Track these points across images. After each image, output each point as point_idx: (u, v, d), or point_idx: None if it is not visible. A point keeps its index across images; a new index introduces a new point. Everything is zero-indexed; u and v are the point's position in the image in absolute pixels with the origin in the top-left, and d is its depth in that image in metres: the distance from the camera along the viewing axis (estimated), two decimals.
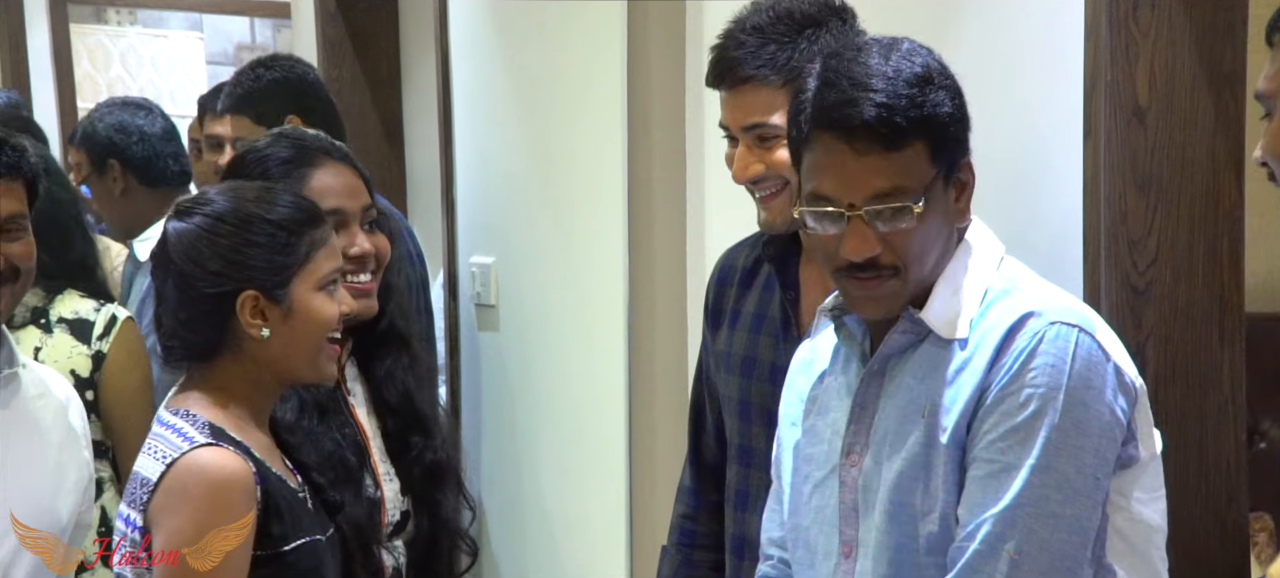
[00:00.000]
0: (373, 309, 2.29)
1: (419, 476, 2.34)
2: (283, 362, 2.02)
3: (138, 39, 7.88)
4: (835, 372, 1.83)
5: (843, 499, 1.76)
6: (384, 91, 4.35)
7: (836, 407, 1.80)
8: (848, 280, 1.71)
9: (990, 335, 1.68)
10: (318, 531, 2.02)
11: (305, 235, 2.01)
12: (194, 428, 1.95)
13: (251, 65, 3.38)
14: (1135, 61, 2.01)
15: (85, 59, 7.42)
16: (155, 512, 1.91)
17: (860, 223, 1.66)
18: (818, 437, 1.82)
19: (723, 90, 2.05)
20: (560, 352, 3.22)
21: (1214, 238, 2.07)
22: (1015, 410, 1.63)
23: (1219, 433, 2.08)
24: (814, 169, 1.68)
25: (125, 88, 7.73)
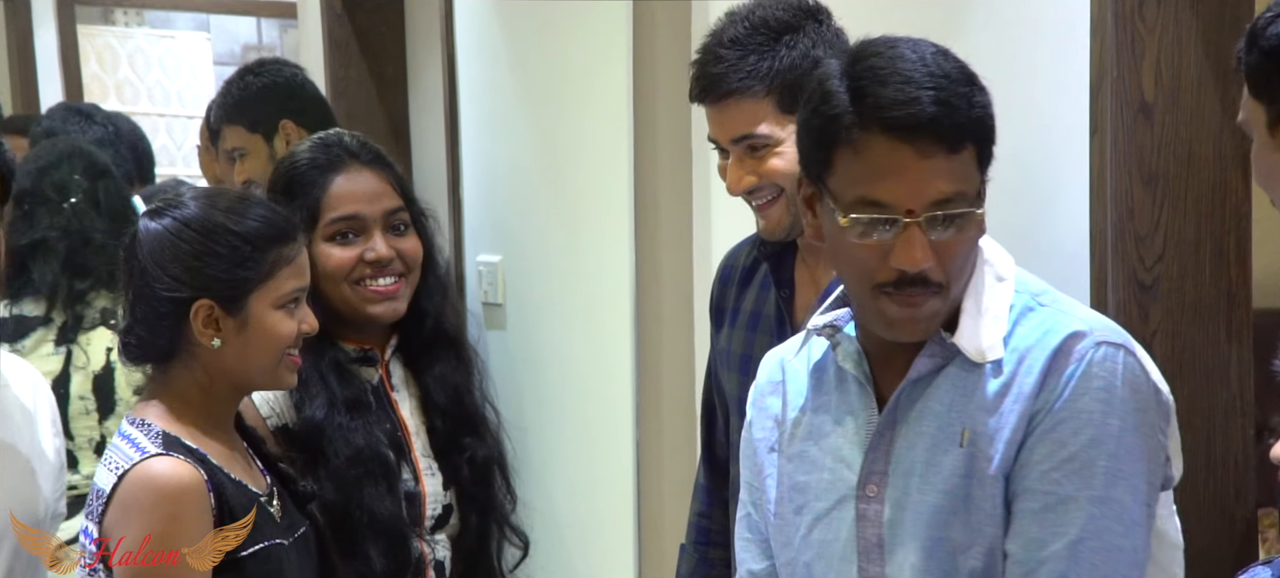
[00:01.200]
0: (397, 312, 2.30)
1: (468, 474, 2.35)
2: (236, 372, 2.01)
3: (145, 40, 7.89)
4: (824, 394, 1.71)
5: (863, 534, 1.64)
6: (390, 91, 4.34)
7: (836, 433, 1.68)
8: (890, 299, 1.57)
9: (1031, 357, 1.59)
10: (280, 534, 2.02)
11: (270, 251, 1.99)
12: (147, 438, 1.95)
13: (239, 72, 3.40)
14: (1141, 58, 2.01)
15: (93, 60, 7.43)
16: (110, 524, 1.91)
17: (917, 231, 1.54)
18: (812, 464, 1.69)
19: (708, 106, 2.05)
20: (567, 350, 3.22)
21: (1221, 233, 2.07)
22: (1068, 439, 1.55)
23: (1227, 429, 2.07)
24: (868, 173, 1.53)
25: (133, 89, 7.74)
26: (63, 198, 2.88)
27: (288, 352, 2.02)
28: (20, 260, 2.83)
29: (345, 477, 2.20)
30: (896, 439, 1.62)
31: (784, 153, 2.01)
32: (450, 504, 2.35)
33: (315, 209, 2.28)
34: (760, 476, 1.76)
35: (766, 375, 1.79)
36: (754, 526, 1.78)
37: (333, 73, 4.30)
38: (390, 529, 2.23)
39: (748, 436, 1.80)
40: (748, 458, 1.79)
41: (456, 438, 2.37)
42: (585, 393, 3.18)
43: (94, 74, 7.38)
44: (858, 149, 1.54)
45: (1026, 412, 1.57)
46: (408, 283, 2.32)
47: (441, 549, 2.33)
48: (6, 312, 2.82)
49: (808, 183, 1.63)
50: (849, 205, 1.55)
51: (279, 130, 3.26)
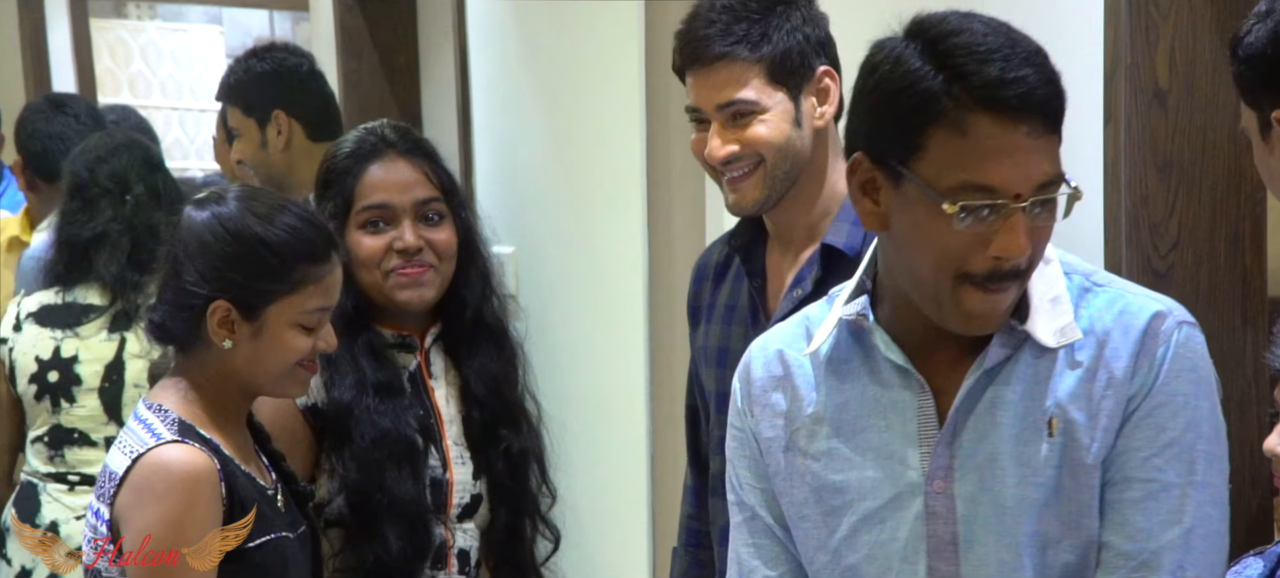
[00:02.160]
0: (424, 299, 2.31)
1: (503, 467, 2.36)
2: (244, 375, 2.01)
3: (157, 33, 7.91)
4: (851, 387, 1.60)
5: (934, 531, 1.54)
6: (402, 83, 4.35)
7: (878, 428, 1.57)
8: (974, 289, 1.48)
9: (1113, 340, 1.53)
10: (286, 528, 2.02)
11: (298, 267, 1.99)
12: (163, 424, 1.96)
13: (247, 54, 3.41)
14: (1155, 44, 2.00)
15: (106, 54, 7.46)
16: (121, 508, 1.92)
17: (1021, 217, 1.45)
18: (847, 462, 1.58)
19: (694, 71, 2.05)
20: (580, 340, 3.23)
21: (1236, 220, 2.06)
22: (1167, 423, 1.50)
23: (1243, 416, 2.07)
24: (974, 156, 1.43)
25: (145, 82, 7.77)
26: (123, 190, 2.90)
27: (299, 364, 2.02)
28: (82, 250, 2.85)
29: (368, 459, 2.22)
30: (963, 431, 1.54)
31: (769, 121, 2.02)
32: (480, 494, 2.35)
33: (349, 198, 2.30)
34: (773, 477, 1.65)
35: (765, 371, 1.66)
36: (763, 530, 1.66)
37: (345, 65, 4.31)
38: (410, 513, 2.24)
39: (746, 436, 1.68)
40: (749, 460, 1.67)
41: (494, 430, 2.37)
42: (598, 383, 3.18)
43: (107, 68, 7.41)
44: (963, 130, 1.43)
45: (1122, 397, 1.51)
46: (438, 273, 2.33)
47: (467, 538, 2.34)
48: (60, 299, 2.84)
49: (873, 166, 1.51)
50: (950, 191, 1.44)
51: (272, 119, 3.27)
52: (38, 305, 2.86)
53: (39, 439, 2.84)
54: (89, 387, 2.83)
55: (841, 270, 2.05)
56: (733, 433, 1.70)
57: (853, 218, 2.07)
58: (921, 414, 1.56)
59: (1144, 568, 1.49)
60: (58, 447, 2.83)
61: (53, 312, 2.86)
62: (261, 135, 3.28)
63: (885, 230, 1.54)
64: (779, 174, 2.04)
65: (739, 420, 1.69)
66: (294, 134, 3.27)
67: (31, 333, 2.84)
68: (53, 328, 2.84)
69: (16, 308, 2.88)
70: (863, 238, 2.05)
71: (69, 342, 2.84)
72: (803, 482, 1.61)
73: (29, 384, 2.84)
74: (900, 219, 1.51)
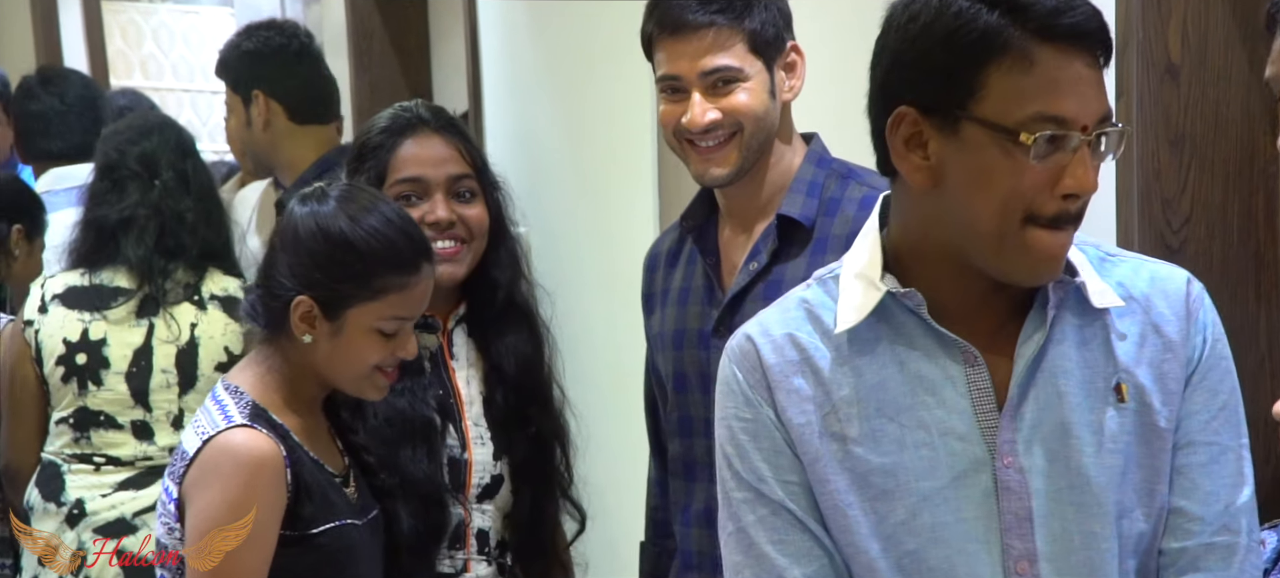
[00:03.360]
0: (455, 276, 2.32)
1: (528, 448, 2.37)
2: (324, 370, 2.05)
3: (169, 16, 7.91)
4: (888, 364, 1.51)
5: (1009, 507, 1.46)
6: (413, 63, 4.35)
7: (929, 404, 1.49)
8: (1043, 230, 1.43)
9: (1157, 304, 1.51)
10: (353, 515, 2.05)
11: (381, 274, 2.01)
12: (236, 406, 2.00)
13: (243, 30, 3.41)
14: (1167, 18, 1.99)
15: (118, 37, 7.46)
16: (189, 486, 1.97)
17: (1088, 151, 1.41)
18: (898, 443, 1.49)
19: (675, 38, 2.07)
20: (591, 321, 3.23)
21: (1249, 195, 2.05)
22: (1218, 386, 1.50)
23: (1256, 392, 2.06)
24: (1043, 88, 1.39)
25: (157, 65, 7.77)
26: (152, 174, 2.90)
27: (378, 368, 2.05)
28: (109, 233, 2.86)
29: (383, 436, 2.23)
30: (1026, 402, 1.48)
31: (751, 89, 2.05)
32: (501, 475, 2.36)
33: (382, 172, 2.31)
34: (810, 466, 1.52)
35: (778, 355, 1.54)
36: (791, 525, 1.53)
37: (355, 45, 4.31)
38: (424, 492, 2.25)
39: (761, 426, 1.54)
40: (769, 450, 1.54)
41: (521, 410, 2.38)
42: (610, 362, 3.18)
43: (118, 50, 7.41)
44: (1029, 62, 1.39)
45: (1181, 360, 1.49)
46: (470, 250, 2.34)
47: (486, 519, 2.34)
48: (86, 281, 2.85)
49: (920, 117, 1.44)
50: (1022, 124, 1.39)
51: (254, 99, 3.26)
52: (63, 287, 2.87)
53: (63, 421, 2.85)
54: (117, 371, 2.83)
55: (797, 242, 2.08)
56: (740, 424, 1.56)
57: (807, 190, 2.10)
58: (974, 387, 1.48)
59: (1224, 532, 1.48)
60: (83, 429, 2.84)
61: (80, 294, 2.86)
62: (247, 114, 3.28)
63: (934, 186, 1.46)
64: (754, 145, 2.08)
65: (748, 410, 1.55)
66: (274, 115, 3.25)
67: (58, 315, 2.84)
68: (81, 311, 2.84)
69: (41, 289, 2.89)
70: (817, 209, 2.08)
71: (97, 324, 2.84)
72: (841, 469, 1.50)
73: (56, 366, 2.84)
74: (957, 168, 1.44)
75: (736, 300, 2.12)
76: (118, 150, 2.93)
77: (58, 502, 2.81)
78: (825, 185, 2.11)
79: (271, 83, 3.24)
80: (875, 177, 2.13)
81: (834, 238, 2.07)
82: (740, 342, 1.58)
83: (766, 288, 2.10)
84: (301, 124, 3.24)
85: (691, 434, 2.20)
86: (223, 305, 2.88)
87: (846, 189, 2.10)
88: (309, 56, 3.34)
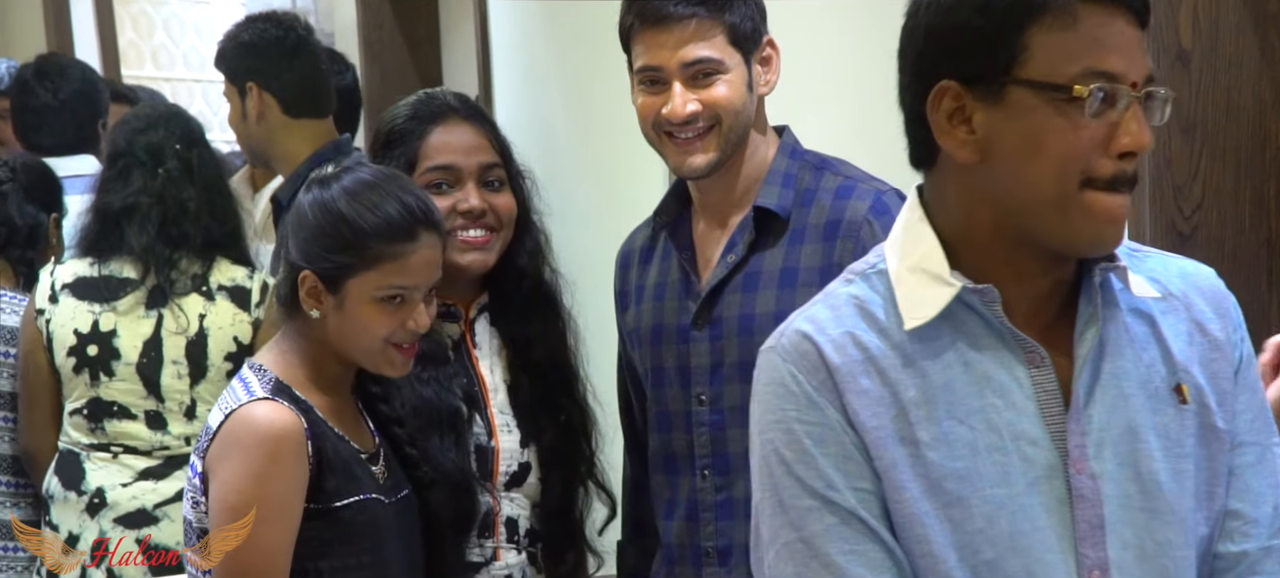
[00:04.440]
0: (485, 263, 2.31)
1: (556, 435, 2.37)
2: (338, 345, 2.07)
3: (180, 6, 7.92)
4: (953, 362, 1.44)
5: (1084, 516, 1.40)
6: (423, 52, 4.36)
7: (996, 404, 1.42)
8: (1104, 194, 1.38)
9: (1197, 301, 1.47)
10: (380, 493, 2.06)
11: (376, 243, 2.02)
12: (259, 383, 2.02)
13: (242, 22, 3.38)
14: (1178, 5, 1.99)
15: (129, 27, 7.47)
16: (212, 460, 2.00)
17: (1139, 107, 1.37)
18: (970, 447, 1.42)
19: (656, 29, 2.08)
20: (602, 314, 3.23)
21: (1261, 181, 2.05)
22: (1255, 385, 1.48)
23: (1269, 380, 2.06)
24: (1090, 44, 1.35)
25: (169, 54, 7.78)
26: (157, 163, 2.91)
27: (391, 342, 2.05)
28: (113, 220, 2.87)
29: (411, 426, 2.23)
30: (1092, 404, 1.42)
31: (731, 82, 2.06)
32: (528, 463, 2.35)
33: (412, 159, 2.30)
34: (885, 472, 1.43)
35: (842, 355, 1.45)
36: (864, 533, 1.44)
37: (365, 35, 4.32)
38: (453, 480, 2.24)
39: (828, 429, 1.44)
40: (838, 456, 1.44)
41: (549, 398, 2.38)
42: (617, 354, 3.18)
43: (130, 40, 7.42)
44: (1072, 20, 1.35)
45: (1228, 359, 1.46)
46: (499, 238, 2.33)
47: (515, 507, 2.34)
48: (95, 272, 2.86)
49: (962, 90, 1.40)
50: (1073, 79, 1.35)
51: (248, 91, 3.25)
52: (73, 276, 2.88)
53: (77, 412, 2.86)
54: (127, 361, 2.84)
55: (774, 233, 2.09)
56: (803, 427, 1.45)
57: (783, 181, 2.11)
58: (1040, 388, 1.42)
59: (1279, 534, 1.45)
60: (97, 419, 2.85)
61: (89, 284, 2.87)
62: (242, 105, 3.27)
63: (982, 160, 1.40)
64: (732, 138, 2.08)
65: (812, 412, 1.45)
66: (268, 108, 3.24)
67: (69, 305, 2.85)
68: (90, 301, 2.85)
69: (50, 278, 2.90)
70: (793, 199, 2.09)
71: (107, 316, 2.85)
72: (915, 475, 1.42)
73: (67, 357, 2.85)
74: (1006, 137, 1.39)
75: (714, 293, 2.13)
76: (126, 139, 2.94)
77: (78, 490, 2.83)
78: (800, 177, 2.12)
79: (266, 75, 3.23)
80: (849, 166, 2.14)
81: (810, 228, 2.08)
82: (794, 340, 1.46)
83: (744, 279, 2.11)
84: (296, 117, 3.23)
85: (671, 429, 2.21)
86: (231, 296, 2.89)
87: (821, 180, 2.11)
88: (305, 50, 3.30)
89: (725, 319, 2.12)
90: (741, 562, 2.11)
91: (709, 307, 2.13)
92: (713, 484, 2.14)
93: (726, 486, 2.13)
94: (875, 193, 2.06)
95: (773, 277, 2.09)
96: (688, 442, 2.17)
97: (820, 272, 2.04)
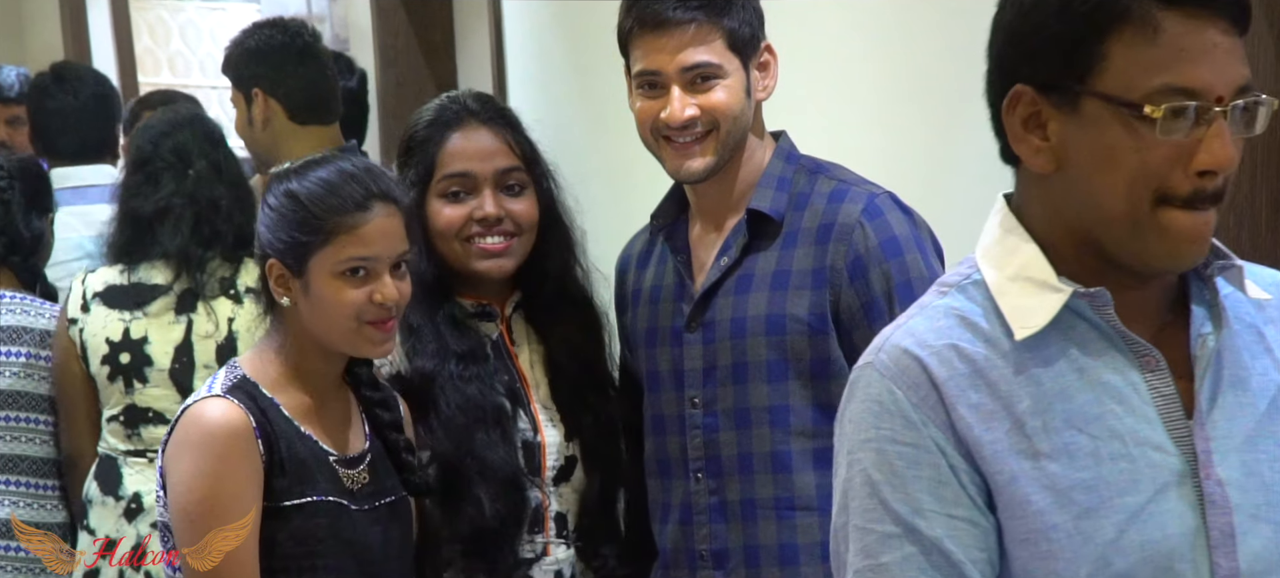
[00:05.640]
0: (504, 270, 2.30)
1: (594, 433, 2.36)
2: (312, 332, 2.06)
3: (196, 13, 7.95)
4: (1067, 370, 1.37)
5: (1215, 523, 1.34)
6: (438, 57, 4.36)
7: (1117, 410, 1.36)
8: (1180, 210, 1.31)
9: (1268, 303, 1.43)
10: (343, 497, 2.04)
11: (328, 218, 2.02)
12: (223, 380, 2.03)
13: (248, 27, 3.38)
14: None
15: (145, 34, 7.50)
16: (167, 459, 2.01)
17: (1224, 124, 1.30)
18: (1093, 456, 1.35)
19: (655, 34, 2.08)
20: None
21: (1277, 182, 2.04)
22: None
23: None
24: (1172, 56, 1.29)
25: (185, 61, 7.81)
26: (186, 165, 2.92)
27: (364, 319, 2.04)
28: (145, 224, 2.88)
29: (456, 424, 2.22)
30: (1215, 409, 1.37)
31: (729, 87, 2.07)
32: (574, 456, 2.35)
33: (431, 165, 2.29)
34: (1002, 488, 1.36)
35: (946, 369, 1.38)
36: (947, 568, 1.37)
37: (381, 41, 4.33)
38: (502, 476, 2.23)
39: (925, 451, 1.37)
40: (933, 480, 1.37)
41: (582, 396, 2.37)
42: None
43: (146, 47, 7.46)
44: (1153, 30, 1.29)
45: None
46: (520, 243, 2.32)
47: (563, 502, 2.33)
48: (125, 279, 2.87)
49: (1038, 96, 1.35)
50: (1148, 96, 1.29)
51: (254, 97, 3.26)
52: (103, 285, 2.89)
53: (114, 418, 2.88)
54: (160, 367, 2.85)
55: (767, 236, 2.10)
56: (896, 449, 1.37)
57: (777, 184, 2.12)
58: (1158, 393, 1.36)
59: None
60: (134, 426, 2.87)
61: (119, 292, 2.88)
62: (248, 110, 3.28)
63: (1057, 169, 1.36)
64: (730, 143, 2.09)
65: (909, 433, 1.37)
66: (274, 114, 3.25)
67: (100, 314, 2.86)
68: (120, 310, 2.86)
69: (82, 287, 2.91)
70: (787, 203, 2.10)
71: (138, 323, 2.86)
72: (1041, 487, 1.35)
73: (101, 366, 2.87)
74: (1080, 147, 1.34)
75: (707, 295, 2.14)
76: (151, 144, 2.95)
77: (116, 495, 2.85)
78: (794, 180, 2.13)
79: (271, 82, 3.23)
80: (844, 171, 2.15)
81: (804, 231, 2.08)
82: (895, 356, 1.39)
83: (737, 282, 2.11)
84: (302, 123, 3.23)
85: (665, 432, 2.21)
86: (258, 298, 2.90)
87: (815, 183, 2.12)
88: (311, 56, 3.30)
89: (718, 322, 2.13)
90: (737, 566, 2.13)
91: (702, 309, 2.14)
92: (706, 488, 2.15)
93: (719, 489, 2.14)
94: (868, 196, 2.07)
95: (765, 279, 2.10)
96: (681, 445, 2.17)
97: (812, 274, 2.05)
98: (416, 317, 2.21)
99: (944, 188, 2.46)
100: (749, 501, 2.11)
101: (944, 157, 2.49)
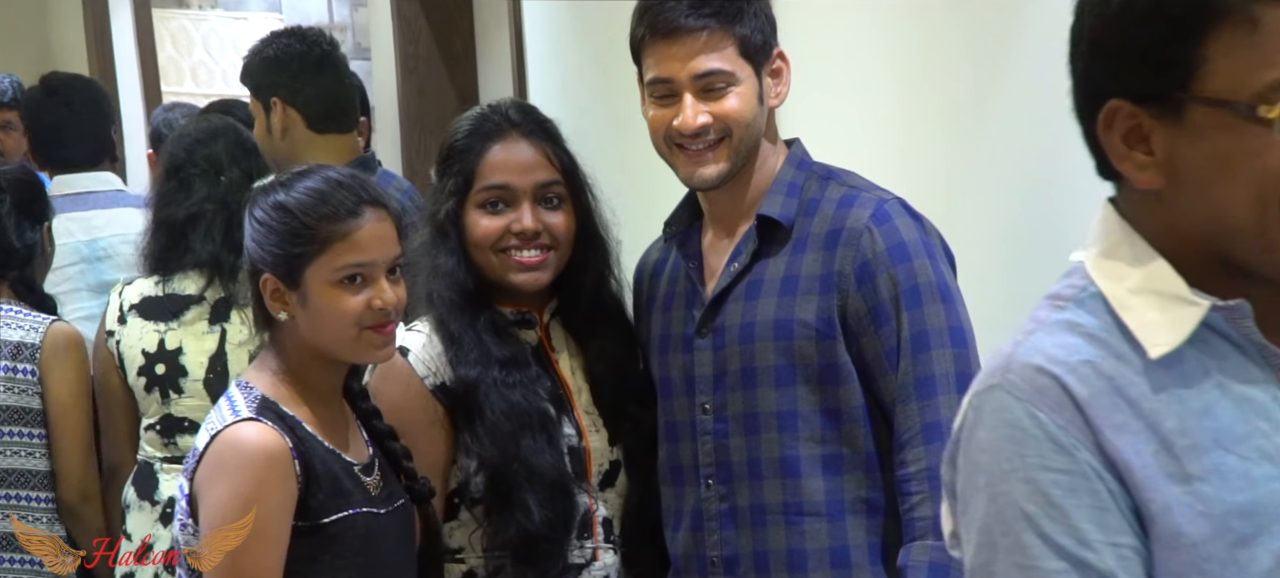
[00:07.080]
0: (540, 283, 2.29)
1: (635, 441, 2.36)
2: (314, 344, 2.05)
3: (219, 22, 7.99)
4: (1208, 385, 1.27)
5: None
6: (459, 67, 4.37)
7: (1262, 429, 1.26)
8: None
9: None
10: (371, 504, 2.04)
11: (321, 226, 2.01)
12: (245, 401, 2.01)
13: (267, 37, 3.39)
14: None
15: (168, 44, 7.54)
16: (198, 483, 1.98)
17: None
18: (1245, 478, 1.25)
19: (667, 41, 2.08)
20: None
21: None
22: None
23: None
24: (1274, 48, 1.19)
25: (208, 71, 7.85)
26: (217, 172, 2.94)
27: (366, 325, 2.03)
28: (178, 231, 2.90)
29: (501, 430, 2.20)
30: None
31: (742, 94, 2.07)
32: (618, 461, 2.35)
33: (470, 176, 2.28)
34: (1156, 516, 1.25)
35: (1086, 387, 1.27)
36: None
37: (402, 50, 4.34)
38: (550, 481, 2.22)
39: (1080, 477, 1.25)
40: (1095, 508, 1.25)
41: (622, 404, 2.37)
42: None
43: (169, 57, 7.49)
44: (1253, 22, 1.19)
45: None
46: (556, 256, 2.31)
47: (609, 507, 2.33)
48: (160, 290, 2.89)
49: (1136, 109, 1.25)
50: (1260, 95, 1.19)
51: (273, 106, 3.27)
52: (139, 296, 2.91)
53: (151, 428, 2.91)
54: (195, 377, 2.87)
55: (777, 241, 2.10)
56: (1050, 477, 1.25)
57: (787, 190, 2.12)
58: None
59: None
60: (170, 435, 2.89)
61: (154, 304, 2.90)
62: (267, 120, 3.29)
63: (1168, 184, 1.26)
64: (743, 150, 2.09)
65: (1061, 458, 1.25)
66: (293, 123, 3.26)
67: (136, 326, 2.89)
68: (155, 321, 2.89)
69: (119, 298, 2.93)
70: (797, 209, 2.10)
71: (173, 333, 2.88)
72: (1197, 515, 1.24)
73: (138, 377, 2.89)
74: (1191, 158, 1.24)
75: (718, 301, 2.14)
76: (185, 151, 2.97)
77: (152, 500, 2.88)
78: (805, 186, 2.13)
79: (290, 90, 3.24)
80: (856, 177, 2.15)
81: (813, 237, 2.08)
82: (1026, 374, 1.27)
83: (747, 287, 2.11)
84: (320, 133, 3.24)
85: (678, 439, 2.21)
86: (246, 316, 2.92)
87: (826, 189, 2.12)
88: (330, 65, 3.31)
89: (727, 327, 2.13)
90: (748, 572, 2.13)
91: (712, 315, 2.14)
92: (717, 494, 2.15)
93: (730, 495, 2.14)
94: (877, 201, 2.07)
95: (774, 284, 2.10)
96: (693, 451, 2.17)
97: (820, 279, 2.06)
98: (456, 325, 2.21)
99: (960, 194, 2.46)
100: (758, 506, 2.11)
101: (961, 162, 2.49)
